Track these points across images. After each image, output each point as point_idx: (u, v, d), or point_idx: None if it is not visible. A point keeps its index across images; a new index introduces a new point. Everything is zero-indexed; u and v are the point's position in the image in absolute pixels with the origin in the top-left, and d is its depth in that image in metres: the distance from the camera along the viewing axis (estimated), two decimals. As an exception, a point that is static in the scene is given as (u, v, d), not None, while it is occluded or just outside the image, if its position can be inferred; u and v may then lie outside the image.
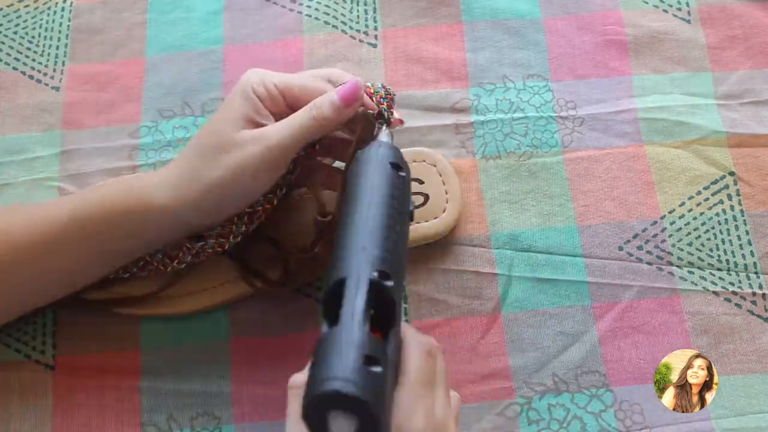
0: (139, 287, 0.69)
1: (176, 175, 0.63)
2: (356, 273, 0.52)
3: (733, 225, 0.74)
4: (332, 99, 0.63)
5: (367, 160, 0.59)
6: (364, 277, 0.51)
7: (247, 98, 0.63)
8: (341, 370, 0.47)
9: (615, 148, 0.76)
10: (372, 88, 0.66)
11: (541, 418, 0.68)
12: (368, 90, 0.66)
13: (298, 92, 0.64)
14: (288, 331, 0.70)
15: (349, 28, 0.82)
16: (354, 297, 0.50)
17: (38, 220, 0.64)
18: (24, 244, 0.63)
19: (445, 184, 0.73)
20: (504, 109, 0.78)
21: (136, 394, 0.69)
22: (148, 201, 0.63)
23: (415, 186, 0.72)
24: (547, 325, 0.71)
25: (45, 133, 0.78)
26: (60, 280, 0.66)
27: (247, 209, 0.65)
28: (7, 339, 0.70)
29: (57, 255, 0.64)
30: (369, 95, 0.66)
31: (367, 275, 0.52)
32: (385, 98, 0.66)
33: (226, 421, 0.68)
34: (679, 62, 0.80)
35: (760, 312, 0.71)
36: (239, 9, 0.83)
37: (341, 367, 0.47)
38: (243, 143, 0.62)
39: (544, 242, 0.73)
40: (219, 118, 0.64)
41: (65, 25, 0.82)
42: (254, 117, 0.63)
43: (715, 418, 0.68)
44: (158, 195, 0.63)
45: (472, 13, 0.82)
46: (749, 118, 0.78)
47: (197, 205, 0.63)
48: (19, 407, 0.68)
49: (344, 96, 0.63)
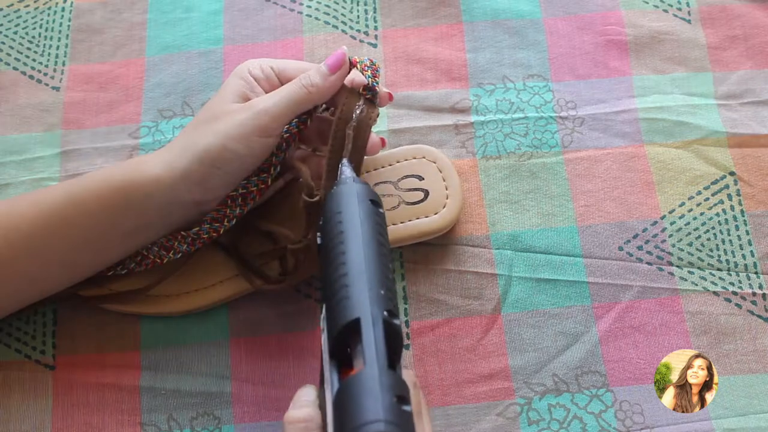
0: (134, 283, 0.69)
1: (169, 148, 0.65)
2: (370, 313, 0.52)
3: (733, 225, 0.74)
4: (320, 67, 0.65)
5: (346, 196, 0.58)
6: (378, 317, 0.52)
7: (242, 78, 0.66)
8: (382, 412, 0.47)
9: (615, 148, 0.76)
10: (357, 59, 0.67)
11: (542, 418, 0.68)
12: (353, 60, 0.67)
13: (292, 72, 0.66)
14: (287, 331, 0.70)
15: (349, 28, 0.82)
16: (373, 338, 0.51)
17: (37, 202, 0.64)
18: (24, 228, 0.63)
19: (445, 180, 0.73)
20: (504, 109, 0.78)
21: (136, 394, 0.69)
22: (142, 174, 0.64)
23: (414, 182, 0.72)
24: (547, 325, 0.71)
25: (45, 133, 0.78)
26: (61, 265, 0.65)
27: (240, 190, 0.66)
28: (8, 339, 0.70)
29: (57, 237, 0.63)
30: (354, 64, 0.67)
31: (380, 315, 0.52)
32: (369, 67, 0.67)
33: (226, 421, 0.68)
34: (679, 62, 0.80)
35: (760, 312, 0.71)
36: (239, 9, 0.83)
37: (382, 410, 0.47)
38: (233, 111, 0.64)
39: (544, 242, 0.73)
40: (215, 97, 0.66)
41: (65, 25, 0.82)
42: (248, 94, 0.65)
43: (715, 418, 0.68)
44: (151, 167, 0.64)
45: (472, 13, 0.82)
46: (749, 118, 0.78)
47: (187, 174, 0.63)
48: (20, 407, 0.68)
49: (331, 63, 0.65)
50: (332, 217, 0.57)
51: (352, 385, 0.49)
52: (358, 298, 0.52)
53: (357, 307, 0.52)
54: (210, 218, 0.66)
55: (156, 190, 0.63)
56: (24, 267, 0.64)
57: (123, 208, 0.64)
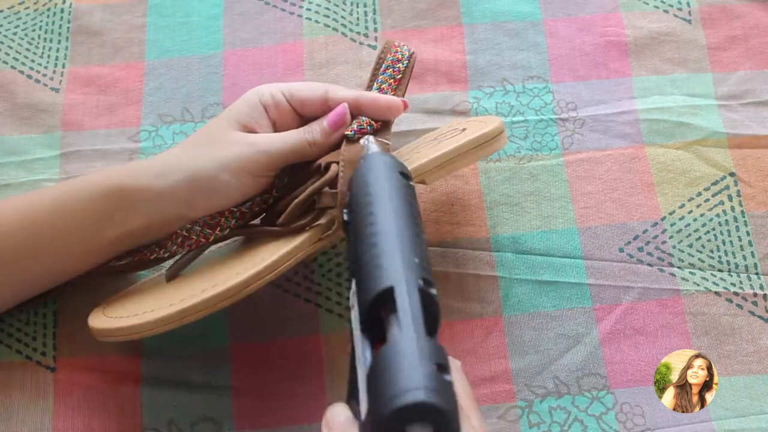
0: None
1: (163, 159, 0.66)
2: (405, 281, 0.48)
3: (733, 226, 0.74)
4: (323, 125, 0.65)
5: (375, 168, 0.56)
6: (413, 285, 0.48)
7: (251, 105, 0.66)
8: (420, 379, 0.43)
9: (615, 149, 0.76)
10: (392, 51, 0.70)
11: (542, 421, 0.68)
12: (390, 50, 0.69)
13: (304, 94, 0.66)
14: (288, 336, 0.70)
15: (349, 30, 0.81)
16: (409, 306, 0.47)
17: (26, 203, 0.65)
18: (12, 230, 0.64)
19: (481, 122, 0.71)
20: (504, 112, 0.78)
21: (137, 398, 0.69)
22: (131, 182, 0.64)
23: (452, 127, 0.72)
24: (548, 327, 0.71)
25: (45, 134, 0.78)
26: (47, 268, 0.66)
27: (243, 209, 0.66)
28: (8, 340, 0.70)
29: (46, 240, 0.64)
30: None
31: (416, 284, 0.49)
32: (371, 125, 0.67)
33: (227, 426, 0.68)
34: (679, 63, 0.80)
35: (761, 313, 0.71)
36: (239, 13, 0.82)
37: (420, 377, 0.43)
38: (233, 142, 0.64)
39: (545, 244, 0.73)
40: (218, 119, 0.67)
41: (65, 27, 0.82)
42: (252, 125, 0.65)
43: (716, 419, 0.68)
44: (141, 176, 0.64)
45: (472, 15, 0.82)
46: (750, 119, 0.78)
47: (175, 190, 0.64)
48: (20, 409, 0.68)
49: (332, 121, 0.65)
50: (360, 189, 0.55)
51: (387, 355, 0.45)
52: (392, 265, 0.49)
53: (391, 275, 0.49)
54: (203, 222, 0.66)
55: (143, 199, 0.64)
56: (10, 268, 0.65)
57: (109, 213, 0.64)
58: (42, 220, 0.64)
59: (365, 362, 0.48)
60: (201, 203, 0.65)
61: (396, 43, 0.70)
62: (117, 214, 0.64)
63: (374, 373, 0.45)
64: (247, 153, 0.64)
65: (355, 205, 0.55)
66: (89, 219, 0.64)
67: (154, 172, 0.64)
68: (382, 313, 0.49)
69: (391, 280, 0.48)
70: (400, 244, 0.50)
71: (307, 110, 0.67)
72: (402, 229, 0.52)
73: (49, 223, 0.64)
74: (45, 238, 0.64)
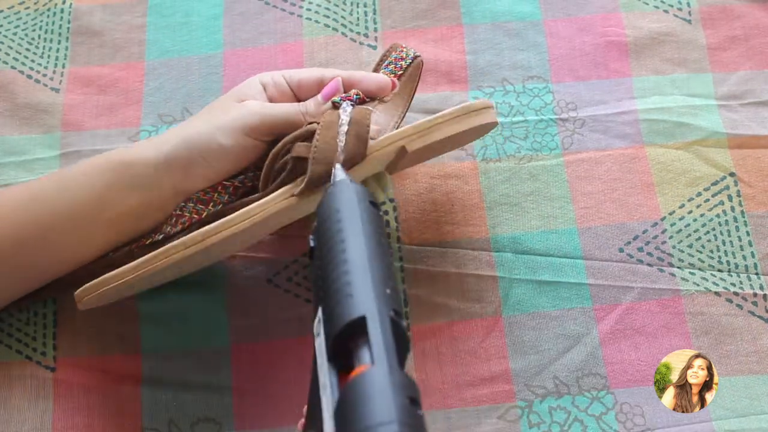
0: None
1: (161, 135, 0.68)
2: (377, 311, 0.48)
3: (733, 226, 0.74)
4: (316, 97, 0.68)
5: (345, 195, 0.55)
6: (386, 315, 0.48)
7: (250, 85, 0.69)
8: (394, 412, 0.43)
9: (615, 149, 0.76)
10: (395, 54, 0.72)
11: (542, 421, 0.68)
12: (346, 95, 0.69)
13: (304, 75, 0.69)
14: (288, 337, 0.70)
15: (349, 30, 0.81)
16: (381, 336, 0.47)
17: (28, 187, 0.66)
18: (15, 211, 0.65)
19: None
20: (504, 112, 0.78)
21: (137, 398, 0.69)
22: (127, 154, 0.66)
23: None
24: (548, 327, 0.71)
25: (45, 134, 0.78)
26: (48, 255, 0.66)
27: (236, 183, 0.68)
28: (8, 340, 0.70)
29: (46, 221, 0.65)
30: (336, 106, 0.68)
31: (388, 314, 0.48)
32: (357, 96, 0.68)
33: (227, 427, 0.68)
34: (679, 63, 0.80)
35: (761, 313, 0.71)
36: (239, 13, 0.82)
37: (393, 410, 0.43)
38: (229, 108, 0.67)
39: (545, 245, 0.73)
40: (218, 98, 0.70)
41: (65, 27, 0.82)
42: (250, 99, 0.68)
43: (716, 419, 0.68)
44: (137, 149, 0.66)
45: (472, 15, 0.82)
46: (750, 119, 0.78)
47: (172, 156, 0.65)
48: (20, 409, 0.68)
49: (326, 92, 0.68)
50: (330, 215, 0.54)
51: (358, 386, 0.45)
52: (363, 295, 0.49)
53: (362, 305, 0.48)
54: (196, 198, 0.67)
55: (140, 173, 0.65)
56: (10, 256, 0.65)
57: (107, 189, 0.65)
58: (43, 200, 0.65)
59: (332, 392, 0.47)
60: (198, 171, 0.66)
61: (402, 45, 0.72)
62: (114, 190, 0.65)
63: (345, 404, 0.45)
64: (240, 113, 0.66)
65: (324, 231, 0.54)
66: (87, 197, 0.65)
67: (151, 144, 0.66)
68: (350, 343, 0.48)
69: (362, 310, 0.48)
70: (371, 274, 0.50)
71: (303, 91, 0.69)
72: (373, 258, 0.51)
73: (50, 205, 0.65)
74: (45, 221, 0.65)
